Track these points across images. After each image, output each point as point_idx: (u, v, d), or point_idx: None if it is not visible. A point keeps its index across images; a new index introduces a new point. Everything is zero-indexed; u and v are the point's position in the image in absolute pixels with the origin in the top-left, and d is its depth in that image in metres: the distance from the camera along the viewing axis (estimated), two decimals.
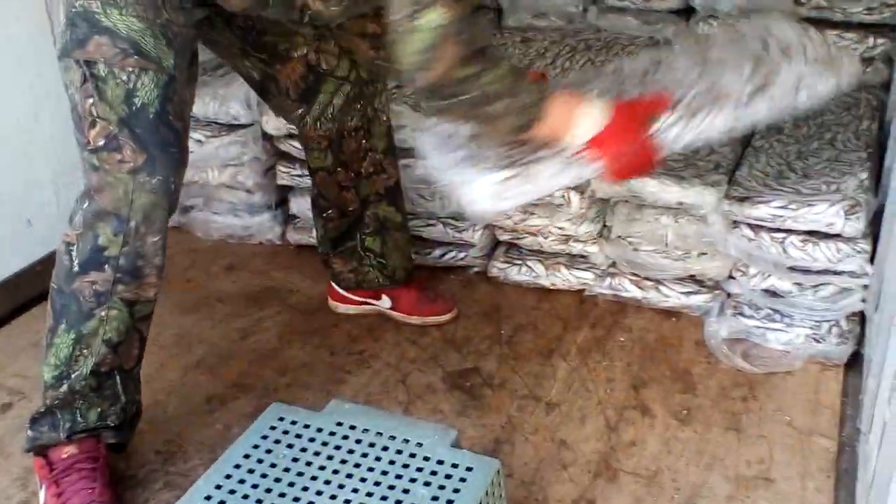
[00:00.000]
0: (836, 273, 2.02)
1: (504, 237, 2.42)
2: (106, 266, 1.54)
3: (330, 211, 2.13)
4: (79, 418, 1.63)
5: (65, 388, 1.60)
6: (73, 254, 1.56)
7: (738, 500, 1.69)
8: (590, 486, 1.74)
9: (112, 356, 1.60)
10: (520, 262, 2.40)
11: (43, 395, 1.64)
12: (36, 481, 1.69)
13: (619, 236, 2.25)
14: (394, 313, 2.26)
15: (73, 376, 1.60)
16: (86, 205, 1.55)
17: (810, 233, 2.01)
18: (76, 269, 1.56)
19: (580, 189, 2.21)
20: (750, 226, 2.06)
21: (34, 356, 2.15)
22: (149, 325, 1.66)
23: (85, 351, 1.58)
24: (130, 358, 1.64)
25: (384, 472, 1.36)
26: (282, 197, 2.62)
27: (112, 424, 1.66)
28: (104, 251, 1.54)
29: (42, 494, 1.65)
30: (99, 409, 1.64)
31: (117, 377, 1.63)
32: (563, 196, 2.22)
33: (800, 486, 1.72)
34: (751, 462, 1.79)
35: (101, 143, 1.50)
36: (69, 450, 1.65)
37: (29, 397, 2.00)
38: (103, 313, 1.57)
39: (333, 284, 2.28)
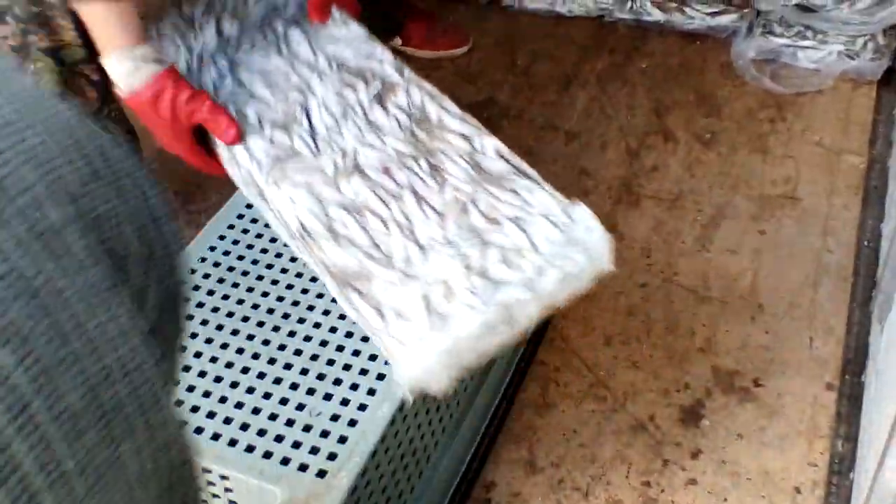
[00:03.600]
0: None
1: None
2: (7, 17, 1.41)
3: None
4: None
5: None
6: None
7: (763, 220, 1.68)
8: (611, 211, 1.72)
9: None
10: None
11: None
12: None
13: None
14: (404, 48, 2.16)
15: None
16: None
17: None
18: None
19: None
20: None
21: None
22: (96, 67, 1.53)
23: None
24: (88, 102, 1.53)
25: None
26: None
27: None
28: None
29: None
30: None
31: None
32: None
33: (826, 203, 1.70)
34: (776, 182, 1.75)
35: None
36: None
37: None
38: (31, 67, 1.47)
39: None
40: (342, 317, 1.16)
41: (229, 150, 1.12)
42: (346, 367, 1.10)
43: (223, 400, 1.07)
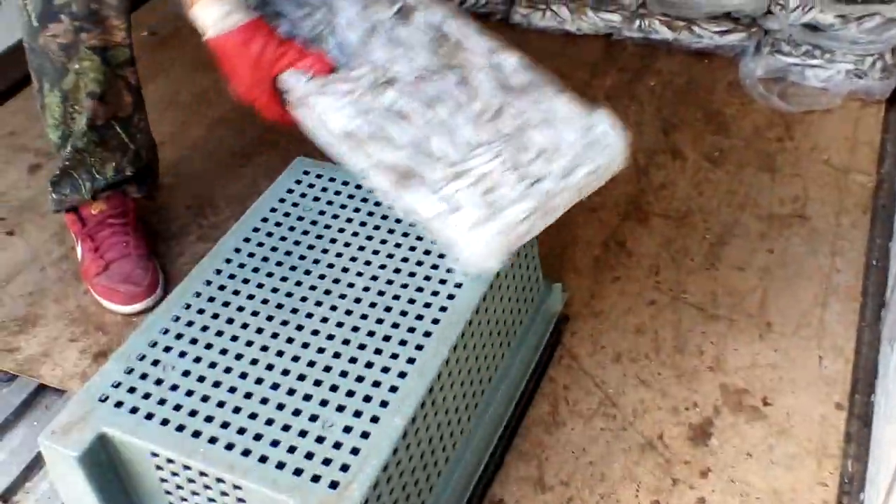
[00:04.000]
0: (883, 2, 1.90)
1: None
2: (61, 16, 1.44)
3: None
4: (96, 175, 1.61)
5: (70, 146, 1.57)
6: (29, 7, 1.45)
7: (771, 238, 1.68)
8: (619, 228, 1.73)
9: (101, 107, 1.54)
10: (543, 6, 2.29)
11: (56, 155, 1.61)
12: (72, 237, 1.71)
13: None
14: None
15: (73, 134, 1.56)
16: None
17: None
18: (35, 23, 1.46)
19: None
20: None
21: None
22: (134, 71, 1.57)
23: (76, 107, 1.53)
24: (123, 106, 1.58)
25: (412, 224, 1.34)
26: None
27: (130, 174, 1.64)
28: (54, 1, 1.43)
29: (79, 249, 1.67)
30: (113, 163, 1.61)
31: (116, 127, 1.58)
32: None
33: (835, 222, 1.71)
34: (785, 200, 1.76)
35: None
36: (98, 206, 1.65)
37: (56, 157, 1.99)
38: (76, 66, 1.49)
39: None
40: (355, 328, 1.17)
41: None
42: (359, 379, 1.11)
43: (237, 410, 1.08)
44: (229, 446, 1.05)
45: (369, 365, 1.12)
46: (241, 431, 1.06)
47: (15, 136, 2.08)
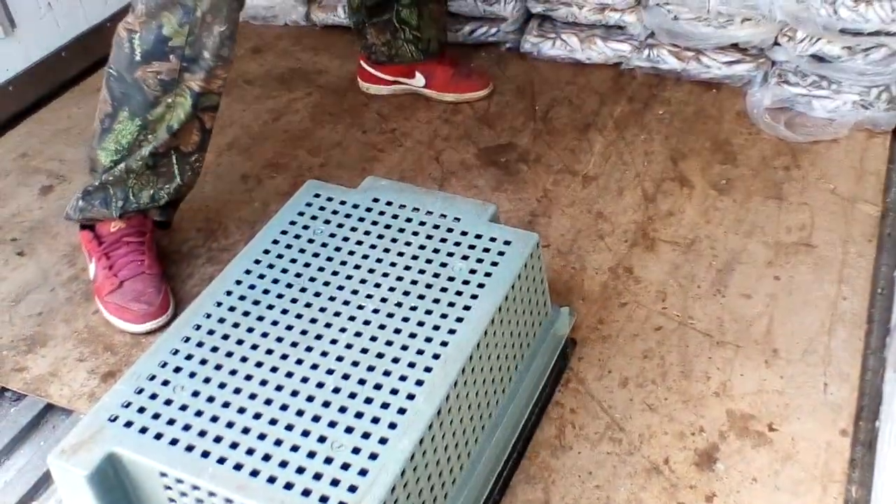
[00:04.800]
0: (888, 34, 1.92)
1: (537, 9, 2.32)
2: (171, 56, 1.49)
3: None
4: (131, 197, 1.63)
5: (122, 167, 1.59)
6: (135, 42, 1.50)
7: (778, 266, 1.69)
8: (627, 255, 1.74)
9: (171, 139, 1.58)
10: (553, 35, 2.31)
11: (98, 175, 1.63)
12: (84, 258, 1.73)
13: (658, 4, 2.15)
14: (428, 91, 2.20)
15: (131, 157, 1.58)
16: None
17: None
18: (138, 58, 1.50)
19: None
20: None
21: (68, 140, 2.15)
22: (213, 117, 1.62)
23: (150, 136, 1.57)
24: (189, 143, 1.62)
25: (421, 247, 1.35)
26: None
27: (162, 204, 1.66)
28: (168, 41, 1.48)
29: (92, 267, 1.69)
30: (151, 191, 1.64)
31: (173, 157, 1.62)
32: None
33: (841, 251, 1.71)
34: (791, 229, 1.77)
35: None
36: (117, 224, 1.67)
37: (68, 179, 2.02)
38: (170, 100, 1.53)
39: (363, 64, 2.22)
40: (364, 350, 1.18)
41: None
42: (368, 401, 1.11)
43: (246, 431, 1.09)
44: (238, 466, 1.05)
45: (378, 387, 1.13)
46: (250, 452, 1.07)
47: (28, 158, 2.11)
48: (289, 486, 1.03)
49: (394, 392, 1.12)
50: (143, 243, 1.68)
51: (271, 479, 1.04)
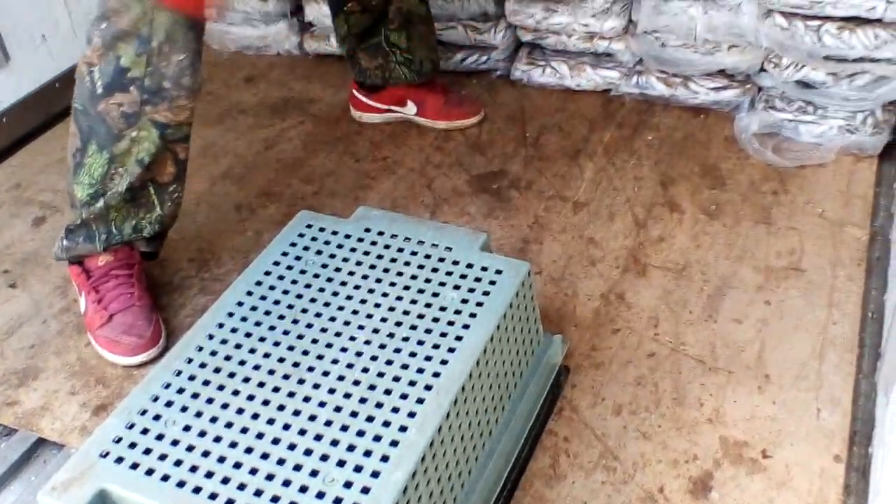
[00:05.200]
0: (872, 61, 1.94)
1: (526, 38, 2.34)
2: (131, 87, 1.49)
3: (350, 3, 2.05)
4: (114, 230, 1.64)
5: (101, 203, 1.60)
6: (95, 75, 1.50)
7: (769, 290, 1.70)
8: (619, 281, 1.75)
9: (145, 173, 1.59)
10: (543, 63, 2.33)
11: (78, 210, 1.64)
12: (75, 289, 1.73)
13: (646, 31, 2.17)
14: (420, 119, 2.22)
15: (108, 193, 1.59)
16: (103, 26, 1.48)
17: (847, 19, 1.92)
18: (100, 90, 1.51)
19: None
20: (784, 14, 1.97)
21: (61, 172, 2.14)
22: (186, 148, 1.62)
23: (120, 169, 1.57)
24: (164, 174, 1.62)
25: (413, 277, 1.35)
26: (297, 4, 2.53)
27: (146, 236, 1.67)
28: (127, 73, 1.48)
29: (82, 301, 1.69)
30: (133, 222, 1.64)
31: (151, 189, 1.62)
32: None
33: (830, 274, 1.72)
34: (781, 253, 1.78)
35: None
36: (105, 258, 1.67)
37: (61, 210, 2.02)
38: (133, 134, 1.54)
39: (356, 93, 2.24)
40: (356, 382, 1.18)
41: None
42: (360, 433, 1.11)
43: (238, 465, 1.09)
44: (230, 502, 1.05)
45: (370, 419, 1.13)
46: (242, 487, 1.06)
47: (20, 189, 2.11)
48: None
49: (386, 424, 1.12)
50: (131, 275, 1.68)
51: None
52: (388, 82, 2.17)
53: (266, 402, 1.17)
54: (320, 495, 1.05)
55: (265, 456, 1.10)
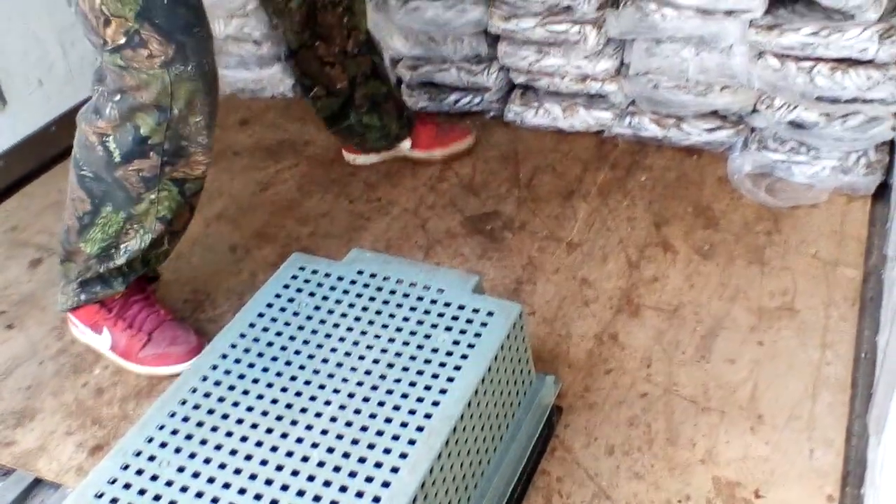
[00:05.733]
0: (865, 101, 1.96)
1: (520, 80, 2.37)
2: (151, 153, 1.52)
3: (316, 89, 2.08)
4: (126, 270, 1.67)
5: (121, 261, 1.62)
6: (111, 145, 1.51)
7: (762, 331, 1.71)
8: (612, 321, 1.75)
9: (166, 227, 1.62)
10: (536, 104, 2.36)
11: (84, 262, 1.64)
12: (80, 331, 1.74)
13: (638, 73, 2.20)
14: (415, 152, 2.25)
15: (121, 247, 1.61)
16: (118, 98, 1.48)
17: (840, 60, 1.95)
18: (118, 159, 1.52)
19: (596, 24, 2.14)
20: (776, 55, 2.00)
21: (56, 214, 2.17)
22: (198, 198, 1.65)
23: (136, 226, 1.59)
24: (181, 224, 1.67)
25: (405, 319, 1.36)
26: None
27: (153, 267, 1.73)
28: (147, 140, 1.50)
29: (106, 337, 1.70)
30: (142, 258, 1.67)
31: (166, 238, 1.66)
32: (578, 32, 2.16)
33: (824, 315, 1.73)
34: (774, 293, 1.79)
35: (123, 41, 1.41)
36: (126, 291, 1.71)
37: (57, 253, 2.02)
38: (153, 196, 1.56)
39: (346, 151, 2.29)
40: (348, 423, 1.18)
41: None
42: (352, 475, 1.12)
43: None
44: None
45: (362, 460, 1.14)
46: None
47: (17, 231, 2.13)
48: None
49: (377, 465, 1.12)
50: (148, 297, 1.73)
51: None
52: (370, 151, 2.24)
53: (259, 443, 1.17)
54: None
55: (258, 497, 1.10)
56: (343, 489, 1.10)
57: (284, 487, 1.11)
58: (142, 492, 1.12)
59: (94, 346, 1.74)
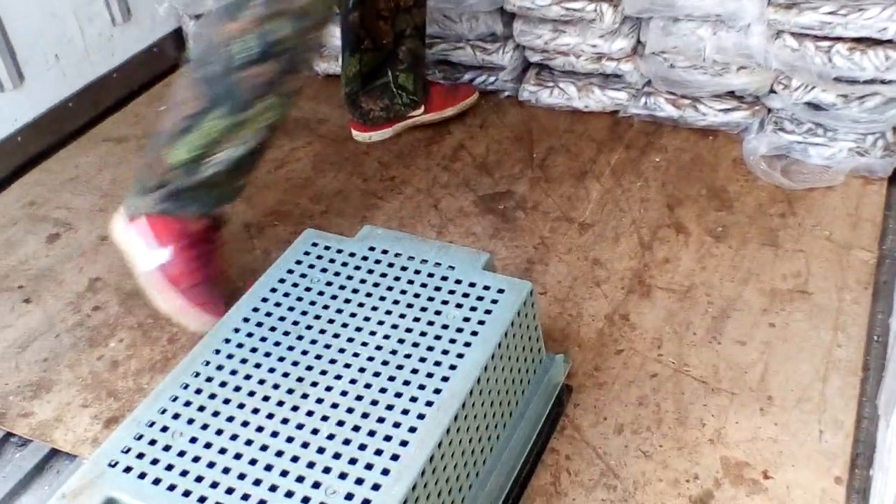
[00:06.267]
0: (883, 82, 1.95)
1: (535, 58, 2.37)
2: (275, 60, 1.52)
3: (366, 41, 2.11)
4: (207, 197, 1.63)
5: (208, 172, 1.57)
6: (234, 49, 1.50)
7: (774, 313, 1.71)
8: (623, 302, 1.76)
9: (259, 142, 1.59)
10: (551, 84, 2.35)
11: (168, 172, 1.59)
12: (116, 233, 1.67)
13: (654, 52, 2.19)
14: (429, 116, 2.28)
15: (214, 161, 1.57)
16: (261, 1, 1.49)
17: (858, 40, 1.93)
18: (237, 63, 1.51)
19: (612, 1, 2.13)
20: (794, 35, 1.99)
21: (75, 189, 2.19)
22: (288, 117, 1.65)
23: (234, 136, 1.55)
24: (270, 143, 1.64)
25: (416, 295, 1.37)
26: None
27: (227, 196, 1.68)
28: (275, 46, 1.50)
29: (165, 255, 1.62)
30: (228, 189, 1.65)
31: (254, 156, 1.62)
32: (595, 10, 2.15)
33: (837, 298, 1.73)
34: (787, 276, 1.79)
35: None
36: (204, 221, 1.66)
37: (75, 227, 2.05)
38: (262, 104, 1.54)
39: (356, 131, 2.29)
40: (359, 397, 1.20)
41: None
42: (362, 447, 1.13)
43: (242, 476, 1.11)
44: None
45: (372, 433, 1.15)
46: (245, 497, 1.08)
47: (35, 207, 2.15)
48: None
49: (387, 439, 1.14)
50: (217, 250, 1.69)
51: None
52: (390, 120, 2.25)
53: (270, 416, 1.18)
54: None
55: (269, 467, 1.12)
56: (353, 461, 1.11)
57: (295, 459, 1.12)
58: (154, 461, 1.14)
59: (138, 256, 1.65)
